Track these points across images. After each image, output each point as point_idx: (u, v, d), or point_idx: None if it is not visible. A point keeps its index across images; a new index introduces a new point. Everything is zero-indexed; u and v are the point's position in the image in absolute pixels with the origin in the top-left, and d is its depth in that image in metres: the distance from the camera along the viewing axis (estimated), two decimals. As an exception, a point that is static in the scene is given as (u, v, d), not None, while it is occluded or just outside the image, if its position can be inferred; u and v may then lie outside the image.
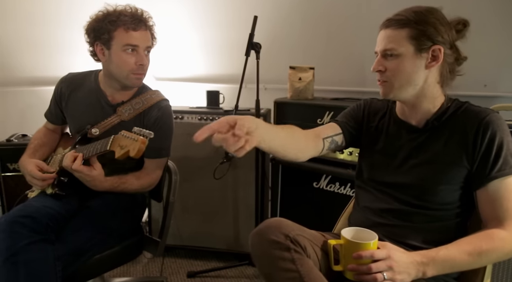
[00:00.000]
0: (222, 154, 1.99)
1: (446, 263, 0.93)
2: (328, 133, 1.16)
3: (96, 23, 1.36)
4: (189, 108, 2.18)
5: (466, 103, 1.06)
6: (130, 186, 1.39)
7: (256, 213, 2.05)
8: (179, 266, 2.19)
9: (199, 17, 2.72)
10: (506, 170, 0.96)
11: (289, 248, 0.91)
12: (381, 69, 1.04)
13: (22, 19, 2.14)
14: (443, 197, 1.02)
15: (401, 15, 1.01)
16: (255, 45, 1.85)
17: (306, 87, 2.05)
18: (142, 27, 1.37)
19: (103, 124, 1.41)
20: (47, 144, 1.55)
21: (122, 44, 1.34)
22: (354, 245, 0.93)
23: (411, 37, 0.99)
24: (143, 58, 1.38)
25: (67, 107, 1.50)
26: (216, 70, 2.71)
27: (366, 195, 1.16)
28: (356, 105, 1.24)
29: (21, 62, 2.17)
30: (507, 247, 0.94)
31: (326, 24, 2.38)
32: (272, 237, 0.92)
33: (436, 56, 1.00)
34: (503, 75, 1.94)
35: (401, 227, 1.05)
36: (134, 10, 1.39)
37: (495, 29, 1.91)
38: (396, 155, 1.10)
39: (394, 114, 1.15)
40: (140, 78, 1.42)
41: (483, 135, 0.97)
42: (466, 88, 1.92)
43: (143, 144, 1.11)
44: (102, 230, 1.33)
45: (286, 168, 2.06)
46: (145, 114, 1.44)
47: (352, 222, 1.19)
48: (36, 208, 1.25)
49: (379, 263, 0.89)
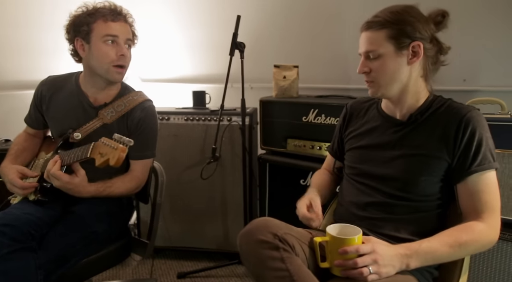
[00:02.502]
0: (209, 154, 2.00)
1: (429, 255, 0.96)
2: (331, 166, 1.36)
3: (75, 18, 1.37)
4: (175, 109, 2.18)
5: (449, 100, 1.09)
6: (116, 189, 1.37)
7: (244, 212, 2.07)
8: (169, 267, 2.18)
9: (184, 18, 2.72)
10: (485, 165, 1.00)
11: (277, 247, 0.92)
12: (366, 71, 1.09)
13: (5, 22, 2.11)
14: (424, 189, 1.05)
15: (379, 17, 1.05)
16: (239, 44, 1.86)
17: (290, 85, 2.07)
18: (121, 19, 1.38)
19: (85, 128, 1.39)
20: (28, 149, 1.53)
21: (101, 35, 1.34)
22: (339, 241, 0.95)
23: (390, 37, 1.03)
24: (123, 49, 1.37)
25: (48, 110, 1.48)
26: (201, 70, 2.71)
27: (350, 189, 1.19)
28: (340, 118, 1.32)
29: (4, 66, 2.14)
30: (485, 239, 0.99)
31: (309, 23, 2.40)
32: (260, 237, 0.94)
33: (417, 52, 1.04)
34: (482, 69, 1.98)
35: (384, 220, 1.08)
36: (113, 5, 1.40)
37: (475, 23, 1.95)
38: (380, 147, 1.13)
39: (380, 108, 1.19)
40: (121, 72, 1.40)
41: (463, 131, 1.01)
42: (445, 83, 1.96)
43: (123, 152, 1.10)
44: (86, 236, 1.31)
45: (273, 166, 2.07)
46: (128, 116, 1.42)
47: (337, 218, 1.21)
48: (16, 216, 1.23)
49: (364, 257, 0.91)
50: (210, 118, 2.10)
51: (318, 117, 1.91)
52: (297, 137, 1.99)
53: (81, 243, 1.28)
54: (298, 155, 1.99)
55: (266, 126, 2.08)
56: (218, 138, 1.99)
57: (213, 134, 2.00)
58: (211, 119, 2.10)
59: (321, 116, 1.90)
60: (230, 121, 2.06)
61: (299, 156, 1.98)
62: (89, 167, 1.23)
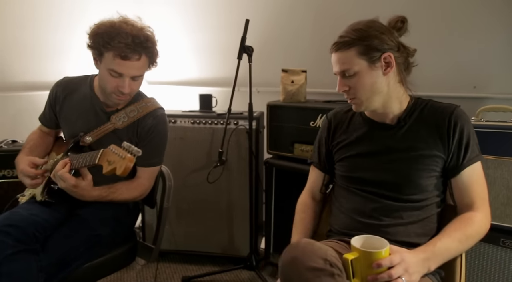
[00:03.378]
0: (215, 158, 1.99)
1: (444, 254, 0.99)
2: (319, 184, 1.32)
3: (95, 35, 1.31)
4: (181, 112, 2.17)
5: (430, 101, 1.14)
6: (119, 195, 1.36)
7: (250, 216, 2.05)
8: (174, 271, 2.17)
9: (191, 21, 2.72)
10: (474, 158, 1.07)
11: (333, 273, 0.86)
12: (345, 89, 1.12)
13: (12, 23, 2.12)
14: (425, 188, 1.08)
15: (345, 37, 1.09)
16: (247, 48, 1.85)
17: (298, 90, 2.05)
18: (134, 56, 1.30)
19: (96, 132, 1.39)
20: (42, 144, 1.53)
21: (108, 66, 1.31)
22: (370, 255, 0.91)
23: (361, 54, 1.06)
24: (125, 86, 1.32)
25: (61, 111, 1.48)
26: (208, 73, 2.70)
27: (351, 197, 1.17)
28: (321, 129, 1.31)
29: (11, 67, 2.15)
30: (484, 227, 1.04)
31: (318, 27, 2.39)
32: (312, 264, 0.86)
33: (389, 63, 1.08)
34: (493, 76, 1.96)
35: (393, 225, 1.08)
36: (136, 33, 1.30)
37: (484, 31, 1.94)
38: (374, 154, 1.14)
39: (364, 116, 1.20)
40: (122, 99, 1.38)
41: (454, 127, 1.06)
42: (455, 90, 1.96)
43: (130, 162, 1.09)
44: (90, 239, 1.30)
45: (279, 170, 2.06)
46: (139, 122, 1.42)
47: (339, 225, 1.18)
48: (22, 217, 1.22)
49: (396, 268, 0.90)
50: (216, 121, 2.09)
51: (326, 122, 1.89)
52: (304, 142, 1.98)
53: (83, 247, 1.28)
54: (305, 159, 1.95)
55: (273, 130, 2.07)
56: (225, 142, 1.98)
57: (219, 138, 1.99)
58: (218, 122, 2.09)
59: (329, 121, 1.88)
60: (237, 125, 2.05)
61: (305, 160, 1.95)
62: (95, 169, 1.23)
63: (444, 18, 1.99)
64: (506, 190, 1.42)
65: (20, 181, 1.41)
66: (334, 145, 1.25)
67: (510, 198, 1.41)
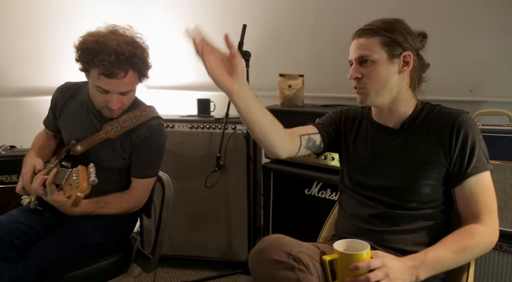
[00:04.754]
0: (213, 162, 1.99)
1: (436, 264, 0.96)
2: (305, 132, 1.19)
3: (80, 51, 1.27)
4: (179, 117, 2.18)
5: (438, 106, 1.11)
6: (109, 209, 1.32)
7: (248, 221, 2.05)
8: (172, 276, 2.17)
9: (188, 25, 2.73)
10: (480, 167, 1.02)
11: (293, 267, 0.89)
12: (358, 76, 1.09)
13: (10, 29, 2.13)
14: (426, 196, 1.05)
15: (372, 25, 1.07)
16: (244, 53, 1.86)
17: (296, 94, 2.06)
18: (120, 74, 1.24)
19: (87, 141, 1.36)
20: (48, 146, 1.52)
21: (94, 83, 1.28)
22: (348, 257, 0.93)
23: (383, 44, 1.05)
24: (113, 103, 1.28)
25: (61, 117, 1.47)
26: (206, 78, 2.66)
27: (351, 201, 1.17)
28: (333, 112, 1.27)
29: (9, 73, 2.15)
30: (487, 241, 1.00)
31: (314, 32, 2.40)
32: (274, 257, 0.90)
33: (407, 62, 1.06)
34: (489, 80, 1.97)
35: (389, 232, 1.07)
36: (121, 48, 1.22)
37: (481, 34, 1.95)
38: (377, 158, 1.13)
39: (371, 119, 1.19)
40: (113, 112, 1.34)
41: (457, 135, 1.02)
42: (452, 94, 1.97)
43: (82, 193, 1.05)
44: (76, 248, 1.25)
45: (277, 175, 2.06)
46: (133, 132, 1.37)
47: (340, 230, 1.19)
48: (2, 223, 1.21)
49: (376, 272, 0.90)
50: (214, 126, 2.10)
51: (324, 126, 1.90)
52: (302, 147, 1.98)
53: (68, 256, 1.24)
54: (303, 164, 1.97)
55: (270, 135, 2.07)
56: (223, 147, 1.98)
57: (217, 142, 2.00)
58: (216, 127, 2.09)
59: (327, 126, 1.89)
60: (235, 129, 2.05)
61: (303, 165, 1.97)
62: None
63: (440, 22, 2.00)
64: (503, 193, 1.42)
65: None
66: (340, 135, 1.22)
67: (507, 202, 1.41)
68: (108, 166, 1.39)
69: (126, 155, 1.40)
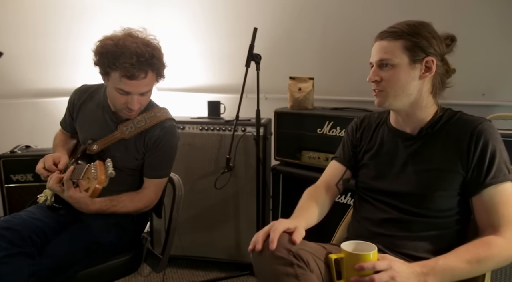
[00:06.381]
0: (223, 164, 2.01)
1: (446, 272, 0.93)
2: (337, 177, 1.24)
3: (100, 55, 1.30)
4: (190, 119, 2.19)
5: (459, 112, 1.08)
6: (122, 208, 1.34)
7: (257, 223, 2.06)
8: (181, 276, 2.18)
9: (200, 28, 2.76)
10: (500, 177, 0.98)
11: (292, 263, 0.90)
12: (377, 79, 1.08)
13: (25, 32, 2.18)
14: (440, 204, 1.03)
15: (395, 28, 1.05)
16: (255, 56, 1.87)
17: (306, 97, 2.07)
18: (141, 75, 1.28)
19: (103, 141, 1.40)
20: (67, 144, 1.55)
21: (114, 85, 1.30)
22: (355, 257, 0.93)
23: (406, 48, 1.03)
24: (134, 103, 1.32)
25: (77, 118, 1.51)
26: (217, 80, 2.73)
27: (365, 205, 1.17)
28: (349, 130, 1.28)
29: (24, 75, 2.20)
30: (505, 253, 0.95)
31: (325, 35, 2.41)
32: (275, 252, 0.92)
33: (429, 68, 1.04)
34: (502, 84, 1.95)
35: (401, 238, 1.06)
36: (141, 50, 1.26)
37: (494, 39, 1.93)
38: (392, 163, 1.12)
39: (389, 124, 1.18)
40: (131, 113, 1.37)
41: (476, 143, 0.99)
42: (464, 97, 1.95)
43: (100, 185, 1.08)
44: (89, 246, 1.29)
45: (287, 177, 2.07)
46: (147, 132, 1.41)
47: (351, 232, 1.20)
48: (22, 220, 1.24)
49: (381, 274, 0.89)
50: (224, 128, 2.11)
51: (333, 129, 1.90)
52: (312, 149, 1.98)
53: (81, 253, 1.27)
54: (312, 166, 1.98)
55: (280, 137, 2.08)
56: (233, 149, 2.00)
57: (227, 144, 2.01)
58: (226, 129, 2.11)
59: (336, 129, 1.89)
60: (245, 131, 2.06)
61: (313, 167, 1.97)
62: None
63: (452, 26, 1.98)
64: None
65: (33, 185, 1.42)
66: (360, 148, 1.22)
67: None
68: (121, 166, 1.41)
69: (140, 155, 1.43)
